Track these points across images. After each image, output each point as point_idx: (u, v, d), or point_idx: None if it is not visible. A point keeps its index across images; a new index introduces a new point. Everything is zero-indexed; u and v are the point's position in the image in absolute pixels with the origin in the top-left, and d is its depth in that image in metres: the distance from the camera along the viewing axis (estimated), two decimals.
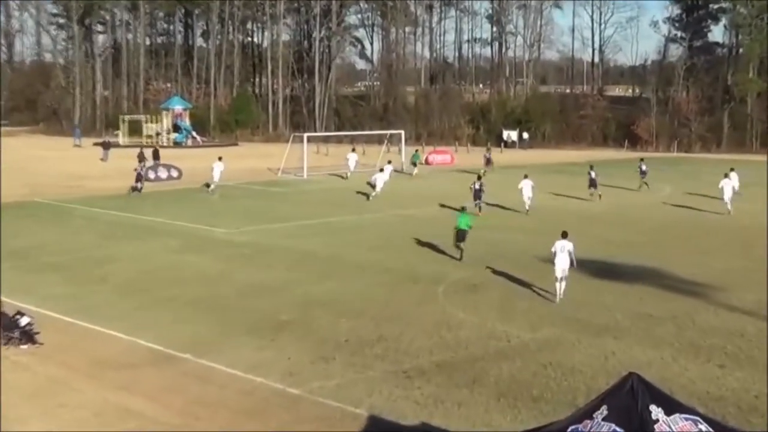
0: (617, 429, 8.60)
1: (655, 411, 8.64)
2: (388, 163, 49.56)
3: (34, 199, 41.81)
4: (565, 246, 22.10)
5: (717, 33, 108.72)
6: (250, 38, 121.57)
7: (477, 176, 39.77)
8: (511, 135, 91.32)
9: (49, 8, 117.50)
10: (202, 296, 22.47)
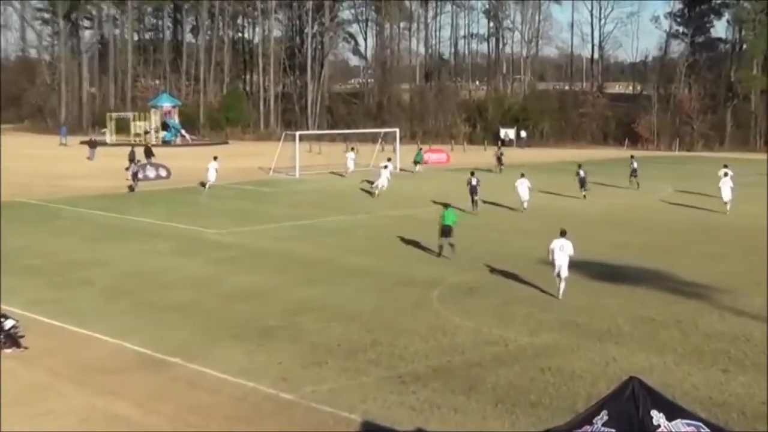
0: None
1: (657, 416, 8.65)
2: (387, 160, 49.95)
3: (18, 199, 41.71)
4: (564, 245, 22.30)
5: (720, 28, 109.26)
6: (240, 34, 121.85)
7: (470, 173, 40.05)
8: (508, 133, 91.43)
9: (34, 3, 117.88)
10: (191, 299, 22.43)
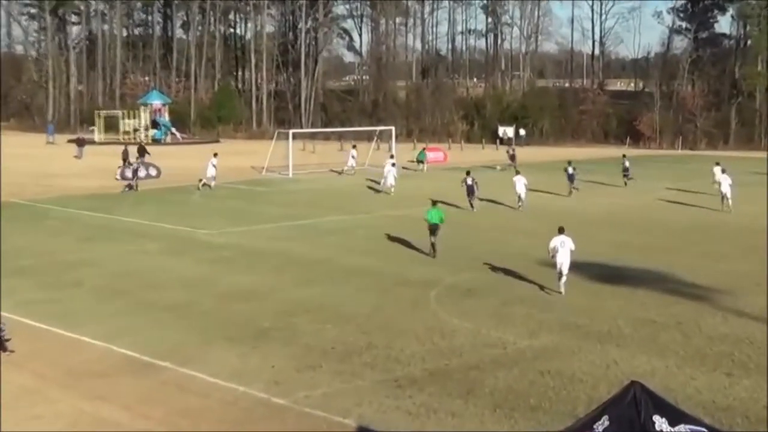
0: None
1: (659, 421, 8.66)
2: (391, 157, 50.72)
3: (5, 199, 41.59)
4: (565, 241, 22.95)
5: (724, 24, 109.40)
6: (232, 29, 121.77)
7: (466, 172, 40.37)
8: (507, 131, 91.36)
9: None
10: (182, 301, 22.43)
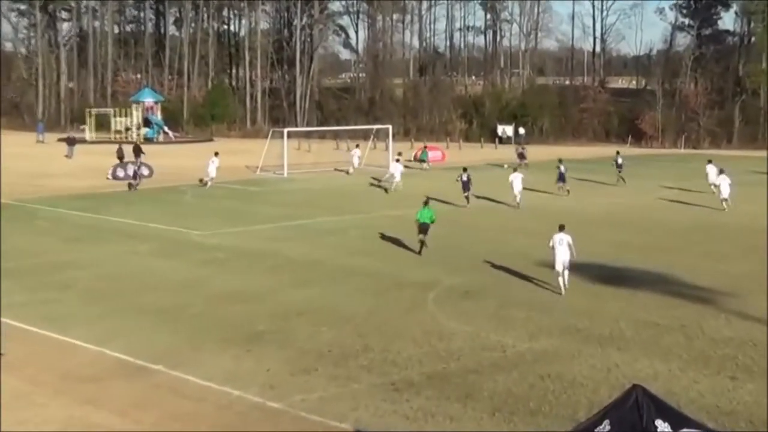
0: None
1: (661, 426, 8.67)
2: (398, 154, 51.95)
3: None
4: (563, 238, 23.30)
5: (727, 20, 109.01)
6: (226, 26, 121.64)
7: (462, 168, 40.90)
8: (506, 130, 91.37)
9: None
10: (175, 303, 22.42)
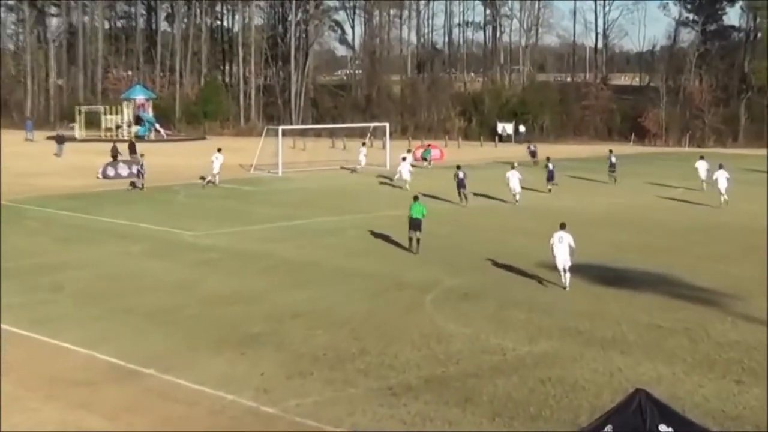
0: None
1: (665, 431, 8.68)
2: (407, 152, 53.20)
3: None
4: (564, 237, 23.57)
5: (733, 16, 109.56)
6: (219, 22, 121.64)
7: (456, 166, 41.82)
8: (506, 128, 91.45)
9: None
10: (167, 306, 22.41)
